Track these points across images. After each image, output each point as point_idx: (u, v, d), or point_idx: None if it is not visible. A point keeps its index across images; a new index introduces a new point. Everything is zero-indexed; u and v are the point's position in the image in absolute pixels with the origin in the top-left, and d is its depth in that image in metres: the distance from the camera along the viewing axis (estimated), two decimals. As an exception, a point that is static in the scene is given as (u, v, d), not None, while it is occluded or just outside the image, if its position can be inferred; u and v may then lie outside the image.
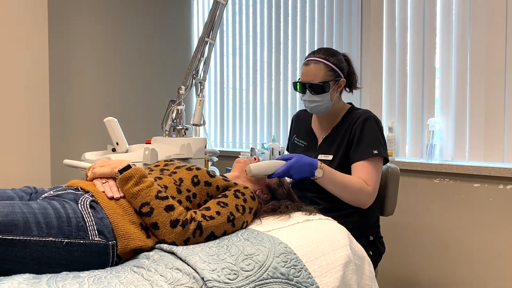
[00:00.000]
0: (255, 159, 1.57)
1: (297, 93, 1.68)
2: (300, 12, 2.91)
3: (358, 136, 1.57)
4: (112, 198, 1.15)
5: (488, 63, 2.03)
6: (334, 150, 1.62)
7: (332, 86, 1.60)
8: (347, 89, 1.73)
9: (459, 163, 2.10)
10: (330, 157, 1.62)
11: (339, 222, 1.40)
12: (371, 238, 1.64)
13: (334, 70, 1.60)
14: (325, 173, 1.48)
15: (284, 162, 1.47)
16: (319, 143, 1.71)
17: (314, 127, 1.76)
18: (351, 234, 1.37)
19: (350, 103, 1.74)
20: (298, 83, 1.64)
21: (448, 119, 2.19)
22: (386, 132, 2.39)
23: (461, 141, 2.13)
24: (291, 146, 1.84)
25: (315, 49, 1.70)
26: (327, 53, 1.62)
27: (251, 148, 2.93)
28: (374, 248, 1.62)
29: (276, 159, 1.50)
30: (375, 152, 1.54)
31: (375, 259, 1.59)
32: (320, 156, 1.65)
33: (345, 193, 1.51)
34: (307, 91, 1.61)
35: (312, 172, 1.47)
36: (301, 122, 1.83)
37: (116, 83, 3.29)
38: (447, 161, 2.18)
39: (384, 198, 1.73)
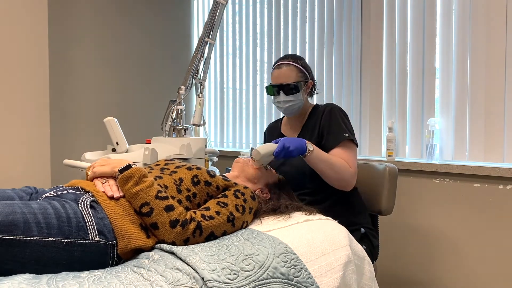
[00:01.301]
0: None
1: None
2: (300, 12, 2.92)
3: (327, 125, 1.67)
4: (112, 198, 1.16)
5: (488, 63, 2.03)
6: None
7: (303, 87, 1.72)
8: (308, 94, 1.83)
9: (459, 163, 2.11)
10: None
11: (324, 213, 1.44)
12: (363, 230, 1.66)
13: (303, 72, 1.73)
14: (314, 148, 1.55)
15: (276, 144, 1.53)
16: None
17: (285, 131, 1.86)
18: (339, 223, 1.40)
19: (316, 104, 1.84)
20: (271, 87, 1.74)
21: (448, 119, 2.19)
22: (386, 132, 2.40)
23: (461, 141, 2.14)
24: None
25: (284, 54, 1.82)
26: (295, 58, 1.76)
27: (251, 148, 2.93)
28: (367, 241, 1.65)
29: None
30: (346, 135, 1.62)
31: (370, 253, 1.61)
32: None
33: (331, 170, 1.55)
34: (281, 93, 1.70)
35: (304, 147, 1.52)
36: (272, 131, 1.94)
37: (116, 83, 3.29)
38: (447, 161, 2.18)
39: (382, 197, 1.74)
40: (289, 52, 2.99)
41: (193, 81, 2.32)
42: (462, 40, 2.12)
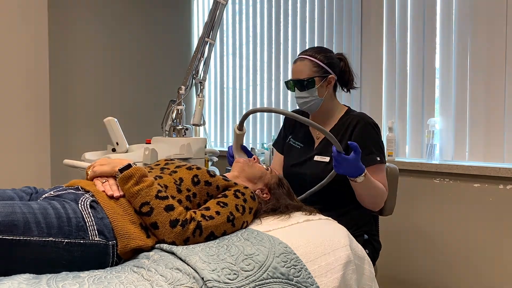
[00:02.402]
0: (254, 159, 1.58)
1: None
2: (300, 12, 2.91)
3: (359, 143, 1.50)
4: (111, 197, 1.15)
5: (488, 63, 2.03)
6: (331, 152, 1.58)
7: (319, 83, 1.62)
8: (344, 89, 1.73)
9: (459, 163, 2.11)
10: (327, 159, 1.61)
11: None
12: (366, 236, 1.64)
13: (320, 67, 1.61)
14: (366, 178, 1.46)
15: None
16: (315, 145, 1.70)
17: (312, 129, 1.74)
18: None
19: (347, 106, 1.74)
20: (288, 82, 1.68)
21: (448, 119, 2.19)
22: (386, 132, 2.40)
23: (461, 141, 2.14)
24: (287, 147, 1.80)
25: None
26: (314, 50, 1.65)
27: (251, 148, 2.93)
28: (370, 246, 1.63)
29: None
30: (378, 159, 1.56)
31: (372, 257, 1.59)
32: (316, 158, 1.65)
33: (371, 196, 1.53)
34: (296, 88, 1.64)
35: (355, 176, 1.44)
36: (299, 124, 1.78)
37: (116, 83, 3.29)
38: (447, 161, 2.18)
39: None
40: (289, 52, 2.99)
41: (193, 81, 2.32)
42: (462, 40, 2.12)
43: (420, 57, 2.28)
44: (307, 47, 2.83)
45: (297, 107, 1.77)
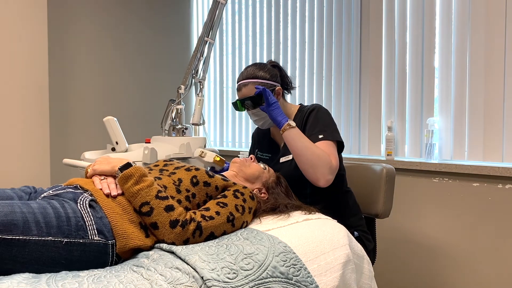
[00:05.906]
0: (251, 158, 1.58)
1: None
2: (299, 12, 2.92)
3: (306, 128, 1.62)
4: (108, 195, 1.16)
5: (487, 62, 2.03)
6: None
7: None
8: (285, 91, 1.76)
9: (458, 163, 2.11)
10: (290, 157, 1.63)
11: None
12: (356, 233, 1.63)
13: (265, 84, 1.65)
14: (296, 127, 1.54)
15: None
16: (281, 150, 1.73)
17: (274, 136, 1.80)
18: None
19: (300, 104, 1.77)
20: (235, 103, 1.69)
21: (447, 119, 2.19)
22: (385, 132, 2.40)
23: (460, 140, 2.14)
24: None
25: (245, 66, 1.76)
26: (252, 71, 1.66)
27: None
28: (361, 244, 1.62)
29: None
30: (321, 136, 1.56)
31: None
32: (282, 159, 1.67)
33: (309, 151, 1.49)
34: (248, 108, 1.66)
35: (286, 118, 1.56)
36: (262, 136, 1.86)
37: (115, 82, 3.29)
38: (446, 160, 2.18)
39: (378, 199, 1.71)
40: (289, 52, 2.99)
41: (193, 80, 2.32)
42: (462, 39, 2.12)
43: (419, 57, 2.28)
44: (306, 47, 2.86)
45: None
